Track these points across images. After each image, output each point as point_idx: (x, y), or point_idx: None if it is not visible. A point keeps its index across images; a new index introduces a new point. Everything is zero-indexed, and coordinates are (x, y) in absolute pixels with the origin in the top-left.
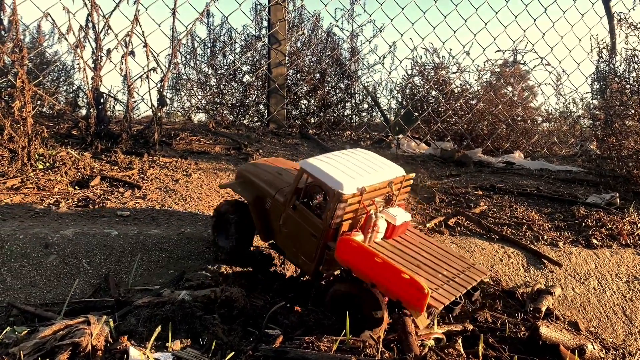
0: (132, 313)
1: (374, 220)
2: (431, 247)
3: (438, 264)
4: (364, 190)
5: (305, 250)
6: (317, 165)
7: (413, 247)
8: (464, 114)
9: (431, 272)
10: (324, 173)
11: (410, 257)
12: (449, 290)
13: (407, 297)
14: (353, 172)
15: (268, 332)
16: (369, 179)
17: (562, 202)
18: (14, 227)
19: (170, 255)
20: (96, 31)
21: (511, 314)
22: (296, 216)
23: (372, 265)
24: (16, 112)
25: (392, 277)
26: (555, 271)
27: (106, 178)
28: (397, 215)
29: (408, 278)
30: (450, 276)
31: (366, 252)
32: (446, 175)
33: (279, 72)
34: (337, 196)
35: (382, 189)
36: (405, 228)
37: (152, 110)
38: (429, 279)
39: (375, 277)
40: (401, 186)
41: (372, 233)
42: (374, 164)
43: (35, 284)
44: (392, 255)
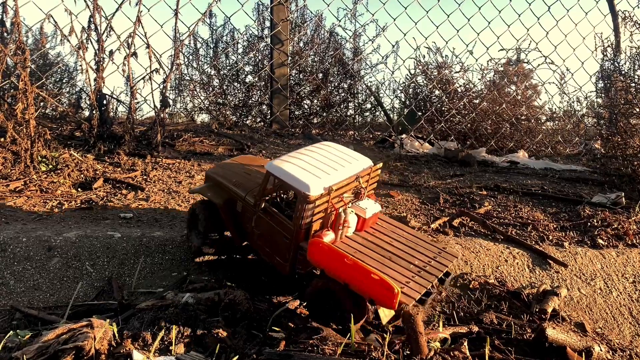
0: (135, 316)
1: (344, 217)
2: (402, 234)
3: (409, 252)
4: (331, 189)
5: (279, 251)
6: (282, 167)
7: (385, 238)
8: (467, 114)
9: (403, 263)
10: (290, 175)
11: (381, 249)
12: (420, 282)
13: (379, 296)
14: (319, 171)
15: (272, 335)
16: (336, 177)
17: (567, 201)
18: (17, 229)
19: (173, 258)
20: (98, 32)
21: (517, 315)
22: (267, 218)
23: (342, 266)
24: (19, 114)
25: (362, 277)
26: (561, 272)
27: (109, 180)
28: (366, 208)
29: (377, 279)
30: (422, 265)
31: (336, 254)
32: (450, 175)
33: (281, 72)
34: (304, 198)
35: (350, 184)
36: (376, 218)
37: (155, 112)
38: (400, 272)
39: (347, 278)
40: (369, 177)
41: (342, 229)
42: (341, 158)
43: (39, 287)
44: (363, 250)
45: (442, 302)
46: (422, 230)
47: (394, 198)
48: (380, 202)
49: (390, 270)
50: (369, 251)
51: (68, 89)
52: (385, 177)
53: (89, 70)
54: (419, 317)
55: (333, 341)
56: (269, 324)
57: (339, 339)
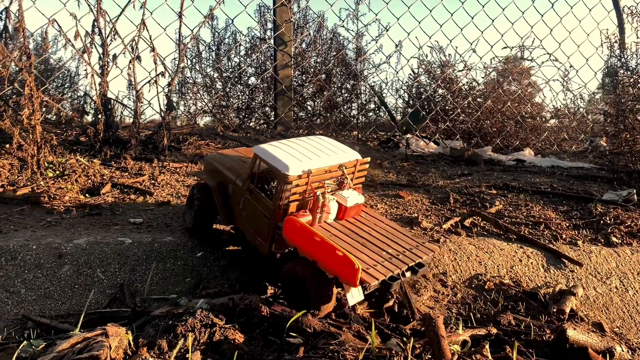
0: (150, 323)
1: (322, 201)
2: (383, 226)
3: (385, 242)
4: (310, 172)
5: (261, 231)
6: (267, 149)
7: (364, 227)
8: (472, 112)
9: (375, 249)
10: (273, 156)
11: (358, 236)
12: (388, 266)
13: (342, 272)
14: (302, 156)
15: (289, 340)
16: (317, 162)
17: (578, 199)
18: (27, 237)
19: (185, 263)
20: (102, 36)
21: (535, 316)
22: (252, 199)
23: (312, 243)
24: (25, 119)
25: (328, 254)
26: (576, 271)
27: (117, 185)
28: (348, 197)
29: (341, 255)
30: (395, 253)
31: (307, 231)
32: (458, 174)
33: (285, 73)
34: (283, 178)
35: (333, 172)
36: (359, 210)
37: (161, 115)
38: (370, 256)
39: (315, 255)
40: (355, 170)
41: (321, 214)
42: (328, 148)
43: (50, 295)
44: (339, 235)
45: (457, 304)
46: (435, 231)
47: (404, 198)
48: (386, 205)
49: (360, 253)
50: (345, 237)
51: (70, 94)
52: (393, 178)
53: (94, 75)
54: (440, 320)
55: (353, 346)
56: (285, 329)
57: (358, 344)
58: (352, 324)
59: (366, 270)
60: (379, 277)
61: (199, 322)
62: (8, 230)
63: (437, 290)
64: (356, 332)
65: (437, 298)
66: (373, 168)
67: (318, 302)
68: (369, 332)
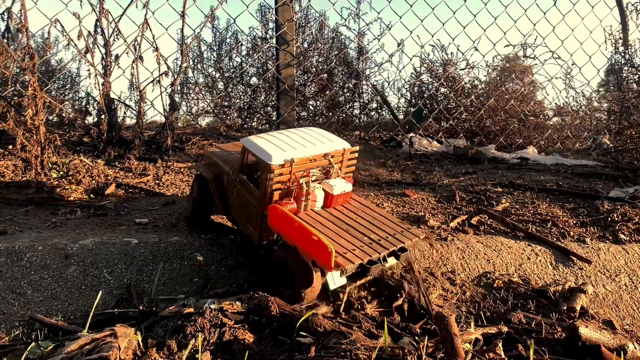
0: (158, 324)
1: (306, 189)
2: (370, 212)
3: (369, 227)
4: (292, 161)
5: (251, 219)
6: (253, 140)
7: (350, 214)
8: (474, 111)
9: (357, 235)
10: (258, 147)
11: (343, 222)
12: (367, 251)
13: (317, 256)
14: (286, 146)
15: (299, 340)
16: (302, 152)
17: (585, 197)
18: (32, 238)
19: (192, 263)
20: (105, 37)
21: (545, 314)
22: (243, 190)
23: (292, 229)
24: (28, 120)
25: (306, 239)
26: (585, 268)
27: (122, 185)
28: (335, 185)
29: (316, 239)
30: (376, 238)
31: (288, 218)
32: (462, 172)
33: (288, 73)
34: (266, 167)
35: (318, 160)
36: (347, 198)
37: (164, 115)
38: (350, 241)
39: (295, 240)
40: (343, 159)
41: (307, 202)
42: (315, 138)
43: (57, 297)
44: (324, 222)
45: (467, 302)
46: (442, 229)
47: (410, 197)
48: (392, 204)
49: (340, 239)
50: (329, 223)
51: (71, 94)
52: (397, 176)
53: (97, 75)
54: (452, 318)
55: (365, 345)
56: (295, 329)
57: (370, 343)
58: (362, 323)
59: (343, 254)
60: (355, 261)
61: (209, 322)
62: (13, 232)
63: (445, 288)
64: (367, 331)
65: (446, 296)
66: (377, 167)
67: (302, 286)
68: (380, 331)
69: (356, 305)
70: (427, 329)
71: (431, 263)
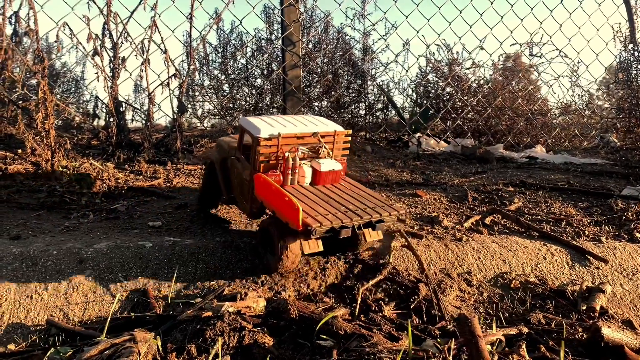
0: (177, 328)
1: (292, 163)
2: (356, 190)
3: (350, 200)
4: (279, 134)
5: (245, 194)
6: (248, 119)
7: (336, 191)
8: (480, 110)
9: (335, 205)
10: (250, 123)
11: (326, 196)
12: (340, 217)
13: (288, 215)
14: (277, 124)
15: (320, 343)
16: (290, 129)
17: (597, 195)
18: (46, 242)
19: (207, 266)
20: (113, 39)
21: (564, 315)
22: (239, 167)
23: (270, 194)
24: (39, 124)
25: (280, 201)
26: (601, 267)
27: (133, 188)
28: (322, 163)
29: (287, 200)
30: (353, 209)
31: (268, 184)
32: (472, 172)
33: (294, 74)
34: (255, 140)
35: (307, 138)
36: (337, 177)
37: (173, 118)
38: (326, 208)
39: (273, 204)
40: (334, 140)
41: (293, 176)
42: (308, 121)
43: (73, 301)
44: (307, 194)
45: (484, 303)
46: (456, 230)
47: (422, 197)
48: (405, 204)
49: (318, 207)
50: (312, 196)
51: (76, 98)
52: (407, 177)
53: (105, 78)
54: (476, 320)
55: (387, 348)
56: (315, 332)
57: (392, 345)
58: (382, 325)
59: (314, 216)
60: (324, 222)
61: (228, 326)
62: (27, 236)
63: (462, 289)
64: (387, 334)
65: (463, 297)
66: (386, 168)
67: (282, 250)
68: (400, 333)
69: (373, 307)
70: (446, 330)
71: (447, 264)
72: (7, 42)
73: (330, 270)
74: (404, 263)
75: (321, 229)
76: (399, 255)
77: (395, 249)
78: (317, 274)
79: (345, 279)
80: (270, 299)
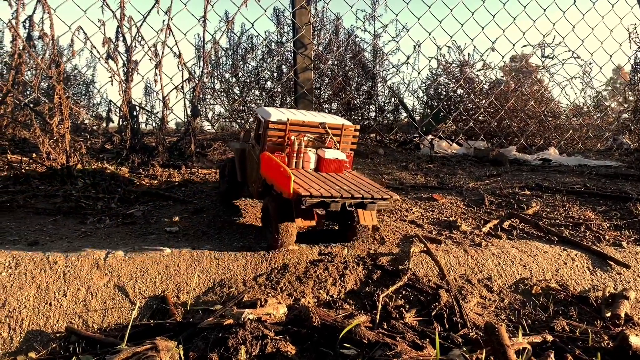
0: (198, 336)
1: (297, 146)
2: (356, 178)
3: (346, 183)
4: (288, 120)
5: (255, 177)
6: (263, 107)
7: (337, 177)
8: (492, 112)
9: (330, 184)
10: (264, 110)
11: (325, 179)
12: (330, 191)
13: (281, 184)
14: (288, 113)
15: (343, 352)
16: (299, 117)
17: (615, 199)
18: (64, 247)
19: (226, 272)
20: (126, 43)
21: (589, 322)
22: (253, 153)
23: (271, 169)
24: (54, 128)
25: (277, 172)
26: (623, 273)
27: (148, 193)
28: (327, 151)
29: (282, 170)
30: (347, 188)
31: (270, 159)
32: (486, 175)
33: (305, 77)
34: (265, 124)
35: (313, 127)
36: (341, 166)
37: (187, 121)
38: (319, 184)
39: (272, 176)
40: (341, 133)
41: (297, 160)
42: (318, 114)
43: (92, 308)
44: (308, 176)
45: (506, 310)
46: (475, 235)
47: (438, 201)
48: (421, 209)
49: (314, 183)
50: (312, 177)
51: (86, 101)
52: (422, 180)
53: (120, 82)
54: (503, 329)
55: (412, 357)
56: (338, 340)
57: (416, 354)
58: (405, 334)
59: (306, 188)
60: (313, 192)
61: (250, 334)
62: (45, 242)
63: (483, 295)
64: (411, 342)
65: (484, 304)
66: (399, 170)
67: (279, 221)
68: (424, 341)
69: (394, 314)
70: (468, 338)
71: (467, 270)
72: (23, 45)
73: (350, 276)
74: (423, 269)
75: (311, 200)
76: (418, 261)
77: (414, 255)
78: (336, 280)
79: (364, 285)
80: (290, 306)
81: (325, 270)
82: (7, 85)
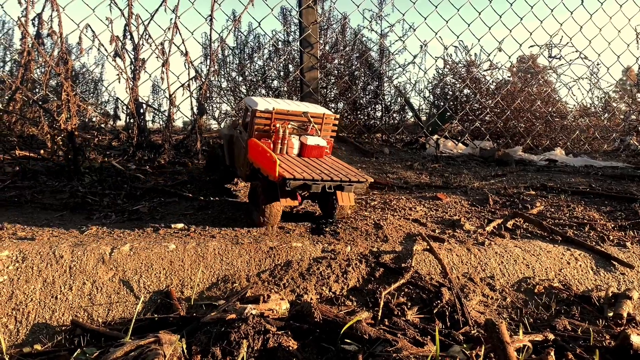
0: (201, 330)
1: (282, 133)
2: (335, 164)
3: (327, 168)
4: (273, 109)
5: (243, 161)
6: (251, 97)
7: (317, 161)
8: (498, 112)
9: (311, 168)
10: (251, 100)
11: (307, 163)
12: (311, 175)
13: (267, 168)
14: (274, 102)
15: (344, 347)
16: (283, 106)
17: (620, 199)
18: (70, 243)
19: (230, 268)
20: (134, 41)
21: (591, 321)
22: (241, 139)
23: (258, 154)
24: (62, 124)
25: (264, 158)
26: (627, 273)
27: (154, 189)
28: (309, 138)
29: (268, 155)
30: (327, 172)
31: (257, 144)
32: (492, 175)
33: (312, 76)
34: (253, 112)
35: (297, 116)
36: (321, 152)
37: (193, 119)
38: (302, 169)
39: (258, 161)
40: (322, 122)
41: (282, 145)
42: (302, 104)
43: (97, 302)
44: (292, 160)
45: (508, 309)
46: (478, 234)
47: (442, 200)
48: (425, 207)
49: (297, 167)
50: (296, 162)
51: (93, 99)
52: (426, 179)
53: (127, 80)
54: (504, 326)
55: (412, 353)
56: (339, 336)
57: (417, 351)
58: (406, 330)
59: (290, 171)
60: (296, 175)
61: (252, 329)
62: (51, 236)
63: (485, 294)
64: (412, 339)
65: (486, 302)
66: (404, 170)
67: (266, 202)
68: (425, 339)
69: (396, 311)
70: (470, 336)
71: (469, 268)
72: (32, 43)
73: (352, 273)
74: (426, 267)
75: (295, 182)
76: (421, 259)
77: (417, 253)
78: (338, 277)
79: (367, 282)
80: (293, 302)
81: (328, 267)
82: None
